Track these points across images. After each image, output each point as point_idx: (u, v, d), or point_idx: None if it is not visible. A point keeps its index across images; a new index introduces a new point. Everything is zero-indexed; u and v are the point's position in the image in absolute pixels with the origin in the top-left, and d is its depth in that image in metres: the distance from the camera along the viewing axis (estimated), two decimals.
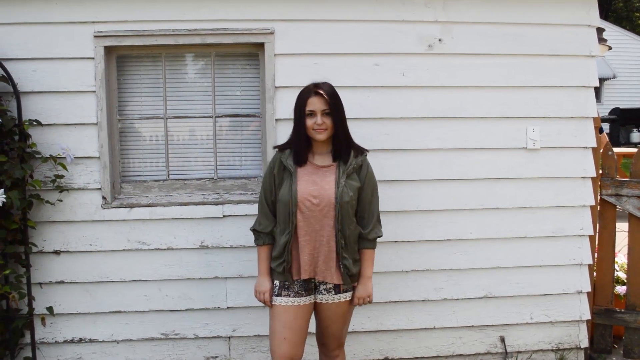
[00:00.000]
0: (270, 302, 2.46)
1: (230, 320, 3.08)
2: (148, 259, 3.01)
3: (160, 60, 3.06)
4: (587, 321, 3.31)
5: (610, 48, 7.35)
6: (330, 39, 3.00)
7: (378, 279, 3.05)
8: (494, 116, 3.12)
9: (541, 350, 3.29)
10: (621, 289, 3.49)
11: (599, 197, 3.37)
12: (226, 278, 3.05)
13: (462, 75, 3.09)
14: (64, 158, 2.84)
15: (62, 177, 2.88)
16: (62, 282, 2.98)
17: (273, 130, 2.99)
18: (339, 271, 2.39)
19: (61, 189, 2.89)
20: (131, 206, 2.98)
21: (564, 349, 3.30)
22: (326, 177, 2.40)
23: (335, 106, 2.38)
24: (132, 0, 2.89)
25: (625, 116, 15.16)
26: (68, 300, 2.99)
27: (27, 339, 2.97)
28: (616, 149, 4.56)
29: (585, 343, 3.31)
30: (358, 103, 3.00)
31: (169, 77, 3.08)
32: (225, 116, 3.11)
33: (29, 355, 2.96)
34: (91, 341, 3.04)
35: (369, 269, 2.46)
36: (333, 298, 2.42)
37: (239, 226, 3.00)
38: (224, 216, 3.01)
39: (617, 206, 3.38)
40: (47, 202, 2.89)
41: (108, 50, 2.93)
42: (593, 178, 3.23)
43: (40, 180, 2.84)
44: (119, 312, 3.03)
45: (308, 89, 2.40)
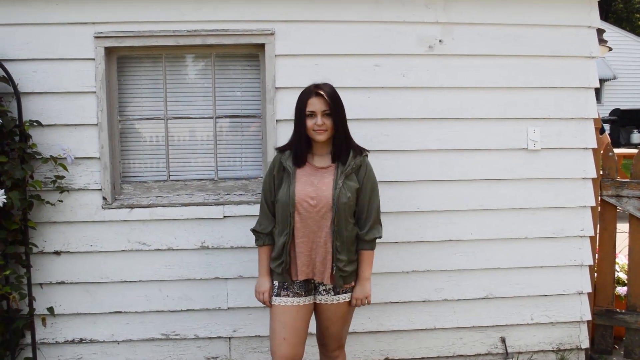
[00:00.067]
0: (269, 302, 2.46)
1: (230, 320, 3.08)
2: (148, 260, 3.01)
3: (160, 61, 3.06)
4: (588, 322, 3.31)
5: (610, 49, 7.33)
6: (330, 40, 3.00)
7: (378, 280, 3.06)
8: (494, 117, 3.13)
9: (542, 350, 3.29)
10: (622, 290, 3.49)
11: (600, 198, 3.37)
12: (227, 279, 3.05)
13: (463, 76, 3.09)
14: (65, 159, 2.84)
15: (63, 178, 2.88)
16: (63, 283, 2.98)
17: (273, 131, 3.00)
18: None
19: (62, 190, 2.90)
20: (132, 207, 2.98)
21: (565, 350, 3.30)
22: (324, 179, 2.39)
23: (335, 107, 2.38)
24: (133, 1, 2.90)
25: (625, 117, 15.18)
26: (68, 300, 2.99)
27: (28, 340, 2.97)
28: (616, 150, 4.56)
29: (586, 344, 3.30)
30: (358, 104, 3.00)
31: (170, 78, 3.08)
32: (225, 117, 3.11)
33: (30, 355, 2.96)
34: (92, 342, 3.04)
35: (367, 270, 2.44)
36: (332, 299, 2.42)
37: (240, 227, 3.00)
38: (225, 217, 3.01)
39: (618, 207, 3.38)
40: (48, 203, 2.90)
41: (108, 51, 2.93)
42: (593, 179, 3.23)
43: (40, 180, 2.84)
44: (120, 313, 3.03)
45: (308, 90, 2.40)
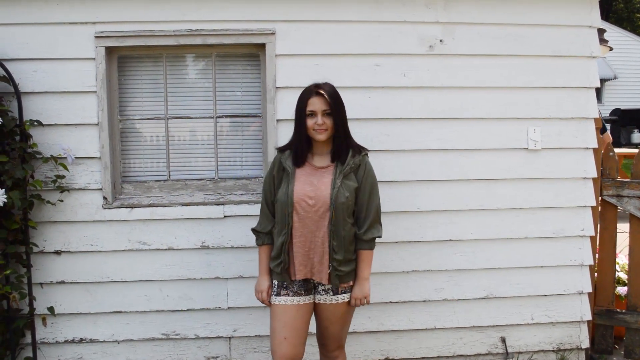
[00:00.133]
0: (268, 301, 2.47)
1: (231, 320, 3.08)
2: (149, 259, 3.01)
3: (161, 60, 3.06)
4: (588, 322, 3.31)
5: (611, 49, 7.33)
6: (331, 40, 3.00)
7: (379, 280, 3.06)
8: (495, 117, 3.12)
9: (542, 350, 3.29)
10: (622, 290, 3.49)
11: (600, 198, 3.36)
12: (227, 278, 3.05)
13: (463, 76, 3.09)
14: (65, 158, 2.84)
15: (63, 178, 2.88)
16: (63, 282, 2.98)
17: (274, 130, 3.00)
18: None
19: (62, 189, 2.90)
20: (132, 206, 2.98)
21: (565, 350, 3.30)
22: (323, 178, 2.39)
23: (336, 106, 2.38)
24: (133, 0, 2.90)
25: (626, 117, 15.17)
26: (69, 300, 2.99)
27: (28, 339, 2.97)
28: (617, 150, 4.56)
29: (586, 344, 3.30)
30: (359, 103, 3.00)
31: (170, 78, 3.08)
32: (226, 117, 3.11)
33: (30, 355, 2.96)
34: (92, 341, 3.04)
35: (366, 270, 2.44)
36: (331, 299, 2.42)
37: (240, 226, 3.00)
38: (225, 216, 3.01)
39: (618, 207, 3.37)
40: (48, 202, 2.90)
41: (109, 50, 2.93)
42: (594, 179, 3.23)
43: (41, 180, 2.84)
44: (120, 312, 3.03)
45: (309, 89, 2.40)
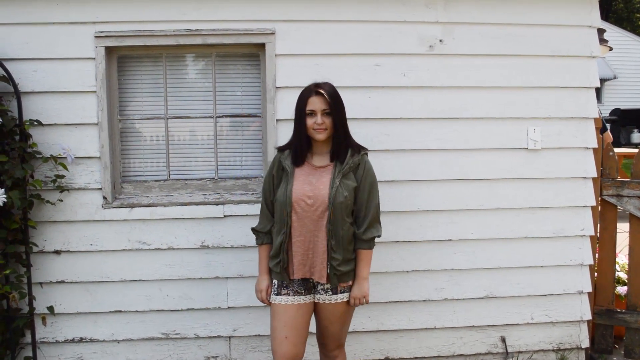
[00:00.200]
0: (267, 300, 2.47)
1: (231, 320, 3.08)
2: (149, 259, 3.01)
3: (161, 60, 3.06)
4: (588, 321, 3.31)
5: (611, 49, 7.33)
6: (331, 40, 3.00)
7: (379, 279, 3.06)
8: (495, 117, 3.12)
9: (542, 350, 3.29)
10: (622, 290, 3.49)
11: (600, 198, 3.36)
12: (227, 278, 3.05)
13: (463, 75, 3.08)
14: (65, 158, 2.84)
15: (63, 177, 2.88)
16: (63, 282, 2.98)
17: (274, 130, 2.99)
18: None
19: (62, 189, 2.90)
20: (132, 206, 2.98)
21: (565, 349, 3.30)
22: (322, 178, 2.39)
23: (335, 106, 2.38)
24: (133, 0, 2.90)
25: (625, 117, 15.18)
26: (69, 299, 2.99)
27: (28, 339, 2.97)
28: (617, 150, 4.55)
29: (586, 343, 3.30)
30: (359, 103, 3.00)
31: (170, 78, 3.08)
32: (226, 116, 3.11)
33: (30, 354, 2.96)
34: (92, 341, 3.04)
35: (365, 270, 2.43)
36: (330, 298, 2.42)
37: (240, 226, 3.00)
38: (225, 216, 3.01)
39: (618, 207, 3.37)
40: (48, 202, 2.90)
41: (109, 50, 2.93)
42: (594, 178, 3.23)
43: (41, 180, 2.84)
44: (120, 312, 3.03)
45: (309, 89, 2.41)
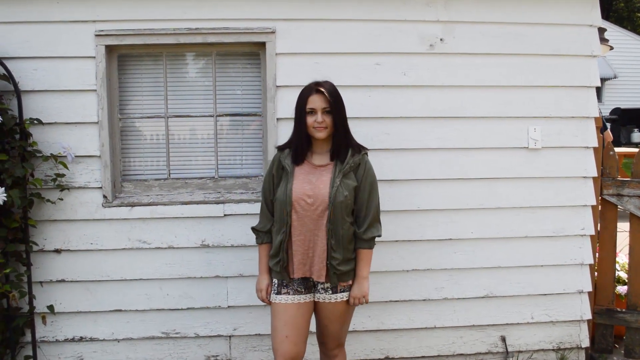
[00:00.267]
0: (267, 299, 2.47)
1: (231, 319, 3.08)
2: (149, 258, 3.01)
3: (161, 59, 3.06)
4: (588, 321, 3.31)
5: (612, 48, 7.33)
6: (331, 38, 3.00)
7: (379, 279, 3.06)
8: (495, 116, 3.12)
9: (542, 349, 3.29)
10: (622, 289, 3.49)
11: (600, 197, 3.36)
12: (227, 277, 3.05)
13: (464, 74, 3.08)
14: (65, 157, 2.83)
15: (63, 176, 2.88)
16: (63, 281, 2.98)
17: (274, 129, 2.99)
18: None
19: (62, 188, 2.89)
20: (132, 205, 2.98)
21: (565, 349, 3.30)
22: (322, 177, 2.39)
23: (336, 104, 2.38)
24: None
25: (626, 116, 15.18)
26: (69, 298, 2.99)
27: (28, 338, 2.97)
28: (617, 149, 4.55)
29: (586, 343, 3.30)
30: (359, 102, 2.99)
31: (170, 76, 3.08)
32: (226, 115, 3.11)
33: (30, 354, 2.96)
34: (92, 340, 3.04)
35: (365, 269, 2.43)
36: (330, 297, 2.42)
37: (240, 225, 3.00)
38: (225, 215, 3.01)
39: (619, 206, 3.37)
40: (48, 201, 2.90)
41: (109, 49, 2.93)
42: (594, 178, 3.23)
43: (41, 179, 2.84)
44: (120, 311, 3.03)
45: (309, 87, 2.41)
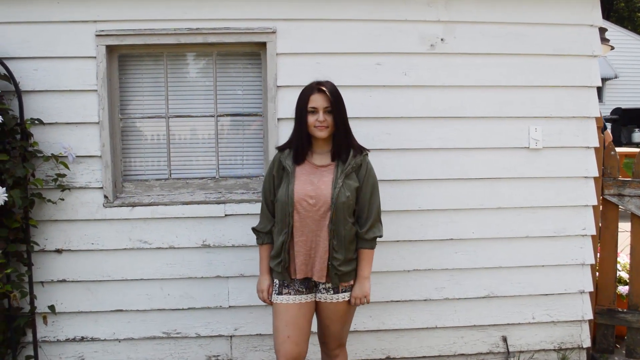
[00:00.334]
0: (268, 300, 2.47)
1: (232, 319, 3.08)
2: (150, 258, 3.01)
3: (161, 59, 3.06)
4: (590, 321, 3.31)
5: (612, 48, 7.32)
6: (331, 38, 3.00)
7: (380, 279, 3.06)
8: (496, 116, 3.12)
9: (543, 350, 3.29)
10: (623, 289, 3.49)
11: (601, 197, 3.36)
12: (228, 277, 3.05)
13: (464, 74, 3.08)
14: (66, 157, 2.84)
15: (64, 176, 2.88)
16: (64, 281, 2.98)
17: (275, 129, 2.99)
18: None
19: (63, 188, 2.90)
20: (133, 205, 2.98)
21: (566, 349, 3.30)
22: (324, 177, 2.39)
23: (337, 104, 2.38)
24: None
25: (626, 116, 15.17)
26: (70, 298, 2.99)
27: (29, 338, 2.97)
28: (618, 149, 4.54)
29: (587, 343, 3.30)
30: (360, 102, 2.99)
31: (171, 76, 3.08)
32: (227, 115, 3.11)
33: (31, 353, 2.96)
34: (93, 340, 3.04)
35: (366, 269, 2.44)
36: (331, 297, 2.42)
37: (241, 225, 3.00)
38: (226, 215, 3.01)
39: (620, 206, 3.37)
40: (49, 201, 2.90)
41: (110, 49, 2.93)
42: (595, 178, 3.23)
43: (42, 179, 2.84)
44: (121, 311, 3.03)
45: (310, 87, 2.41)
